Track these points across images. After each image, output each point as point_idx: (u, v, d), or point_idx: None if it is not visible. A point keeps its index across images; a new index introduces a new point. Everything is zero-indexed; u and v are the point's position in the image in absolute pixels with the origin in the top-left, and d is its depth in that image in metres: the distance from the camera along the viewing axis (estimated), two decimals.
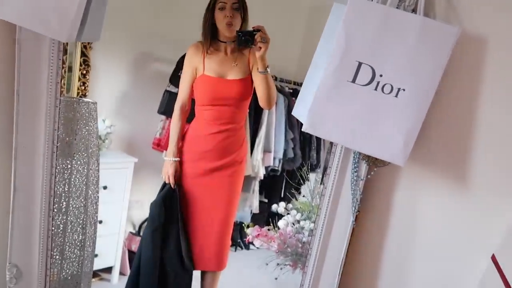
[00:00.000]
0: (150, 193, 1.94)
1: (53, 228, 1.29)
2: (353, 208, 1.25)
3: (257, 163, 2.68)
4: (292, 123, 2.82)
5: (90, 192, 1.54)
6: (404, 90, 1.08)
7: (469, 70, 1.11)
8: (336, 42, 1.10)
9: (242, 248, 3.02)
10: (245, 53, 1.78)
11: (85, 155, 1.51)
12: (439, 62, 1.07)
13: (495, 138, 1.08)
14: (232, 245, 2.93)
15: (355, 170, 1.24)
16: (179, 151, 1.83)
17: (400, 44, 1.08)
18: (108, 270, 2.29)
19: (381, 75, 1.09)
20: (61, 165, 1.43)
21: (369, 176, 1.23)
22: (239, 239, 2.92)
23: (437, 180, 1.17)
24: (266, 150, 2.76)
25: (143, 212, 2.30)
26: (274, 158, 2.80)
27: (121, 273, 2.39)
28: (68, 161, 1.46)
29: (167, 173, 1.76)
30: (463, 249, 1.11)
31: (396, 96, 1.09)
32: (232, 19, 1.68)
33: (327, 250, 1.29)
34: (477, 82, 1.10)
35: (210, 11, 1.72)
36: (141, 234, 2.02)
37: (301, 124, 1.15)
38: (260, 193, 2.88)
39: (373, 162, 1.22)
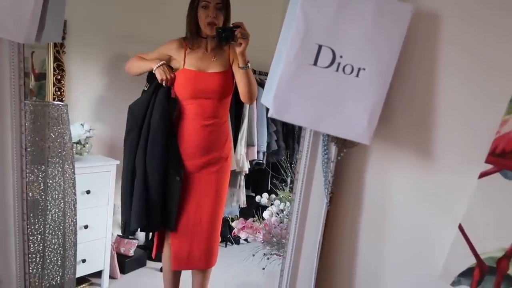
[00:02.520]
0: None
1: (29, 232, 1.28)
2: (326, 190, 1.26)
3: (241, 158, 2.67)
4: None
5: (68, 195, 1.54)
6: (364, 69, 1.10)
7: (426, 46, 1.13)
8: (295, 27, 1.10)
9: (232, 244, 3.03)
10: (225, 49, 1.78)
11: (60, 158, 1.50)
12: (396, 40, 1.09)
13: (455, 110, 1.09)
14: (222, 241, 2.93)
15: (325, 152, 1.25)
16: None
17: (357, 24, 1.09)
18: (98, 274, 2.29)
19: (341, 56, 1.10)
20: (35, 169, 1.42)
21: (339, 158, 1.24)
22: (228, 235, 2.92)
23: (404, 156, 1.19)
24: (250, 144, 2.75)
25: None
26: (258, 152, 2.80)
27: (111, 277, 2.39)
28: (43, 166, 1.45)
29: (162, 76, 1.71)
30: (433, 221, 1.13)
31: (357, 76, 1.10)
32: (214, 19, 1.68)
33: (304, 234, 1.30)
34: (434, 57, 1.12)
35: (194, 9, 1.71)
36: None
37: None
38: (247, 187, 2.88)
39: (342, 144, 1.23)
